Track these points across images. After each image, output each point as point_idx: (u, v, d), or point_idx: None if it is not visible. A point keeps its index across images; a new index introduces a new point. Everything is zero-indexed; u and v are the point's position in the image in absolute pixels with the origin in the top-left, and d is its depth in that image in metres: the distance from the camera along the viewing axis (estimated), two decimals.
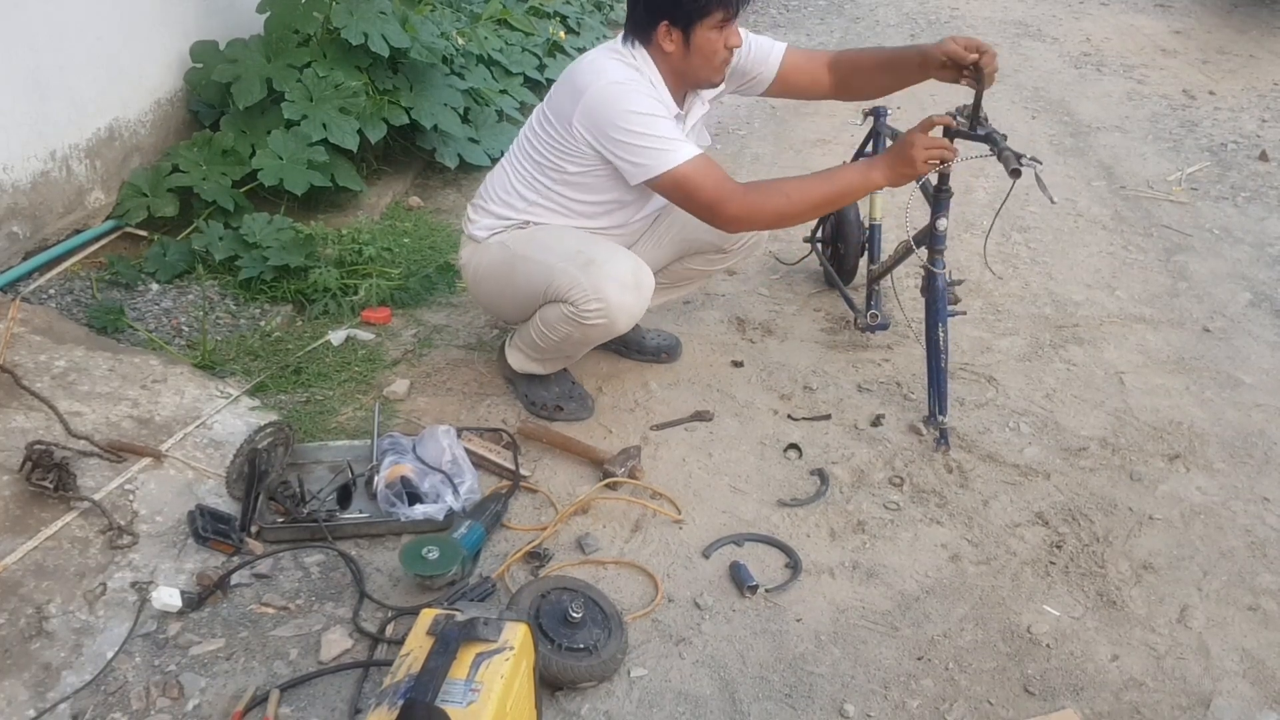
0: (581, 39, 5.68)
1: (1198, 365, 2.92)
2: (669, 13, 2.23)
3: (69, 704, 1.75)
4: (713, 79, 2.38)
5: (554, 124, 2.32)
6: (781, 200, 2.27)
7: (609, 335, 2.40)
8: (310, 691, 1.81)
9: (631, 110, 2.22)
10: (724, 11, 2.23)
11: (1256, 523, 2.31)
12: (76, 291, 2.93)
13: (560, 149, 2.32)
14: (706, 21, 2.23)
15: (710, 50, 2.28)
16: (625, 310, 2.31)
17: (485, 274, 2.49)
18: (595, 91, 2.23)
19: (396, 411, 2.60)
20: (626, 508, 2.30)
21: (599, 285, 2.26)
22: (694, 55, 2.28)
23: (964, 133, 2.36)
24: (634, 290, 2.31)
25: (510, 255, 2.41)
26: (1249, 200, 4.04)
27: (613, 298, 2.27)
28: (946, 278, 2.52)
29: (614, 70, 2.26)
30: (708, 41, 2.26)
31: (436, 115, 3.77)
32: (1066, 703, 1.85)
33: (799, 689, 1.86)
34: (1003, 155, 2.25)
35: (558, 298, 2.32)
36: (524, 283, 2.40)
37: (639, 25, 2.29)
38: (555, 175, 2.37)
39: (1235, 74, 5.61)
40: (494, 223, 2.46)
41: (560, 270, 2.31)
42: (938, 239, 2.47)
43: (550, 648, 1.79)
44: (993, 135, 2.31)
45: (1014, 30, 6.56)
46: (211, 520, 2.10)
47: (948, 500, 2.36)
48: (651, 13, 2.25)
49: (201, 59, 3.53)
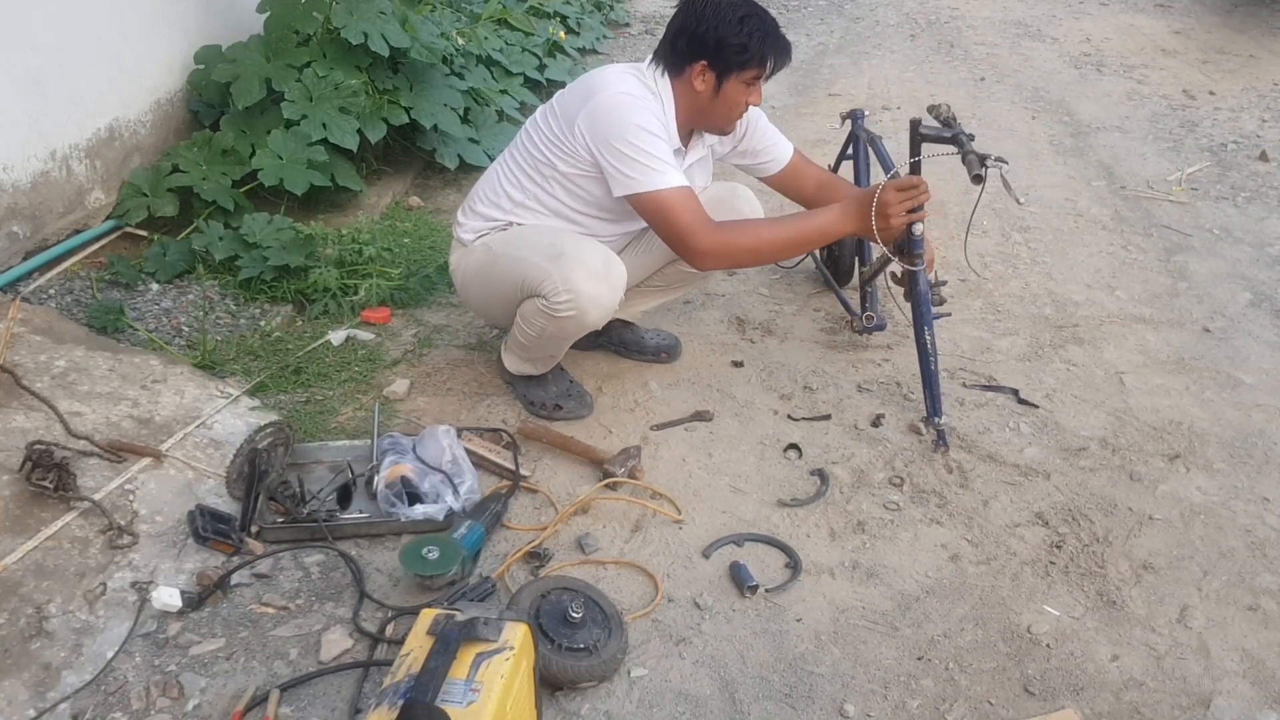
0: (581, 39, 5.69)
1: (1198, 365, 2.92)
2: (710, 56, 2.28)
3: (69, 704, 1.75)
4: (725, 128, 2.45)
5: (558, 121, 2.34)
6: (752, 239, 2.33)
7: (582, 328, 2.39)
8: (310, 691, 1.81)
9: (635, 123, 2.24)
10: (760, 70, 2.31)
11: (1256, 523, 2.31)
12: (76, 291, 2.93)
13: (556, 146, 2.34)
14: (742, 74, 2.30)
15: (735, 101, 2.35)
16: (595, 301, 2.30)
17: (471, 277, 2.51)
18: (606, 97, 2.27)
19: (396, 411, 2.60)
20: (626, 508, 2.30)
21: (568, 276, 2.27)
22: (720, 102, 2.34)
23: (931, 136, 2.38)
24: (604, 280, 2.30)
25: (491, 255, 2.43)
26: (1249, 200, 4.04)
27: (582, 288, 2.27)
28: (930, 279, 2.52)
29: (630, 84, 2.31)
30: (736, 92, 2.33)
31: (436, 115, 3.77)
32: (1066, 703, 1.85)
33: (799, 689, 1.86)
34: (966, 159, 2.26)
35: (532, 292, 2.33)
36: (502, 280, 2.41)
37: (675, 57, 2.33)
38: (546, 172, 2.38)
39: (1235, 74, 5.61)
40: (480, 225, 2.48)
41: (532, 264, 2.32)
42: (915, 243, 2.47)
43: (550, 648, 1.78)
44: (959, 136, 2.33)
45: (1014, 30, 6.56)
46: (211, 520, 2.10)
47: (948, 500, 2.36)
48: (694, 50, 2.30)
49: (202, 60, 3.53)
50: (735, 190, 2.64)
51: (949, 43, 6.28)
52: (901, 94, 5.30)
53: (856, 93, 5.32)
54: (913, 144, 2.55)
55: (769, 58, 2.30)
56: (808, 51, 6.05)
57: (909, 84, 5.48)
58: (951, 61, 5.90)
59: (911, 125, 2.48)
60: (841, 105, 5.12)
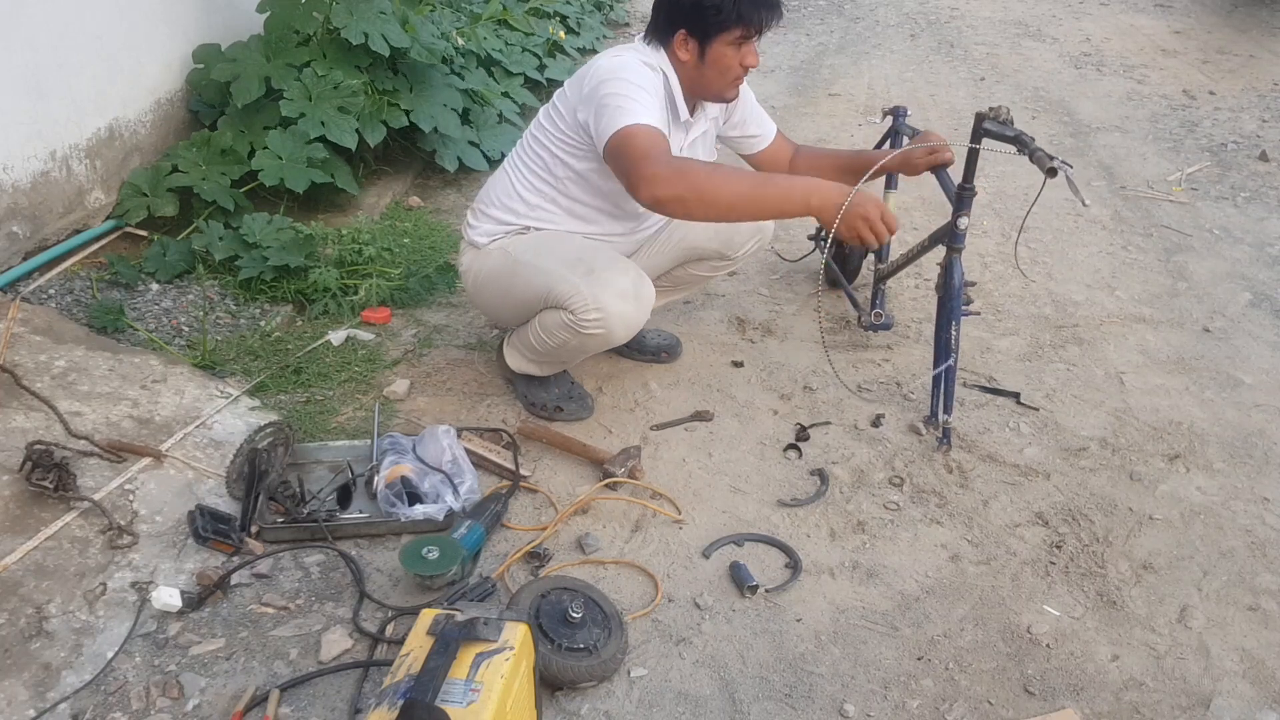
0: (581, 39, 5.69)
1: (1198, 365, 2.92)
2: (687, 22, 2.25)
3: (69, 704, 1.75)
4: (724, 94, 2.37)
5: (561, 114, 2.33)
6: (706, 177, 2.04)
7: (606, 345, 2.39)
8: (310, 691, 1.81)
9: (622, 77, 2.19)
10: (743, 29, 2.23)
11: (1256, 523, 2.31)
12: (76, 291, 2.93)
13: (564, 141, 2.33)
14: (724, 36, 2.23)
15: (724, 65, 2.28)
16: (624, 321, 2.30)
17: (486, 280, 2.48)
18: (601, 66, 2.25)
19: (396, 411, 2.60)
20: (626, 508, 2.30)
21: (599, 295, 2.25)
22: (708, 67, 2.29)
23: (994, 133, 2.37)
24: (634, 301, 2.29)
25: (511, 261, 2.41)
26: (1249, 200, 4.04)
27: (612, 308, 2.26)
28: (963, 276, 2.52)
29: (629, 58, 2.26)
30: (723, 56, 2.26)
31: (436, 117, 3.77)
32: (1066, 703, 1.85)
33: (799, 689, 1.86)
34: (1035, 156, 2.26)
35: (557, 304, 2.31)
36: (524, 289, 2.39)
37: (659, 30, 2.31)
38: (559, 171, 2.37)
39: (1235, 74, 5.61)
40: (495, 228, 2.46)
41: (561, 277, 2.30)
42: (958, 237, 2.46)
43: (550, 648, 1.78)
44: (1022, 137, 2.33)
45: (1014, 30, 6.56)
46: (211, 520, 2.10)
47: (948, 500, 2.36)
48: (671, 20, 2.27)
49: (202, 59, 3.53)
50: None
51: (949, 43, 6.28)
52: (901, 94, 5.30)
53: (856, 93, 5.32)
54: (975, 134, 2.51)
55: (749, 15, 2.20)
56: (808, 51, 6.05)
57: (909, 84, 5.48)
58: (951, 61, 5.90)
59: (977, 118, 2.43)
60: (841, 105, 5.13)
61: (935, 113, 5.02)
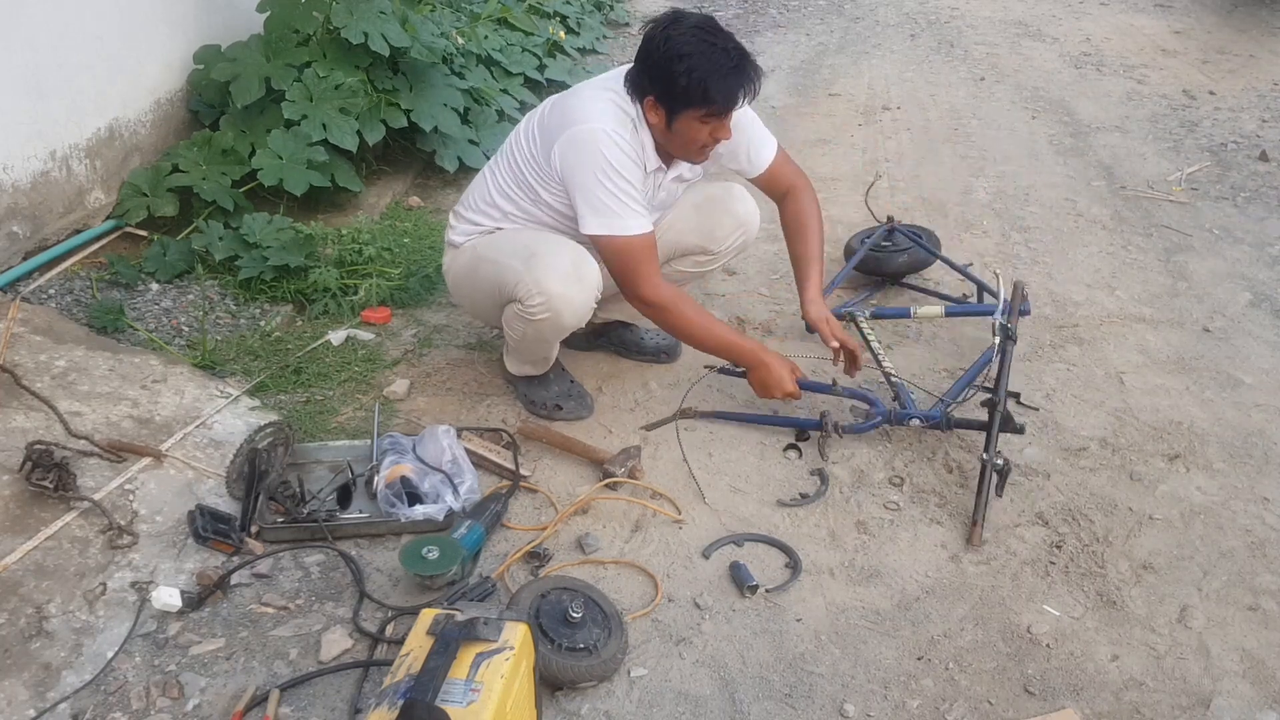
0: (581, 39, 5.69)
1: (1198, 365, 2.92)
2: (654, 91, 2.22)
3: (69, 704, 1.75)
4: (690, 160, 2.38)
5: (538, 144, 2.32)
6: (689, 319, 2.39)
7: (558, 329, 2.38)
8: (310, 691, 1.81)
9: (608, 163, 2.20)
10: (707, 109, 2.20)
11: (1256, 523, 2.31)
12: (76, 291, 2.93)
13: (538, 173, 2.33)
14: (691, 112, 2.21)
15: (690, 136, 2.26)
16: (568, 302, 2.29)
17: (460, 278, 2.53)
18: (582, 130, 2.22)
19: (396, 411, 2.59)
20: (626, 508, 2.30)
21: (539, 279, 2.26)
22: (675, 136, 2.27)
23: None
24: (576, 282, 2.29)
25: (476, 258, 2.44)
26: (1249, 200, 4.04)
27: (554, 289, 2.26)
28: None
29: (608, 115, 2.24)
30: (689, 128, 2.25)
31: (436, 116, 3.77)
32: (1066, 703, 1.85)
33: (799, 689, 1.86)
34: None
35: (509, 296, 2.34)
36: (485, 282, 2.42)
37: (634, 86, 2.28)
38: (531, 195, 2.38)
39: (1235, 74, 5.61)
40: (470, 229, 2.49)
41: (508, 267, 2.32)
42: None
43: (550, 648, 1.78)
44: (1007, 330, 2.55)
45: (1014, 30, 6.56)
46: (211, 520, 2.10)
47: (948, 500, 2.36)
48: (640, 86, 2.25)
49: (202, 59, 3.53)
50: (731, 190, 2.62)
51: (949, 42, 6.28)
52: (901, 94, 5.30)
53: (856, 93, 5.32)
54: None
55: (715, 98, 2.17)
56: (808, 51, 6.05)
57: (909, 84, 5.48)
58: (951, 61, 5.90)
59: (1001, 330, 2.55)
60: (841, 105, 5.13)
61: (935, 113, 5.02)
